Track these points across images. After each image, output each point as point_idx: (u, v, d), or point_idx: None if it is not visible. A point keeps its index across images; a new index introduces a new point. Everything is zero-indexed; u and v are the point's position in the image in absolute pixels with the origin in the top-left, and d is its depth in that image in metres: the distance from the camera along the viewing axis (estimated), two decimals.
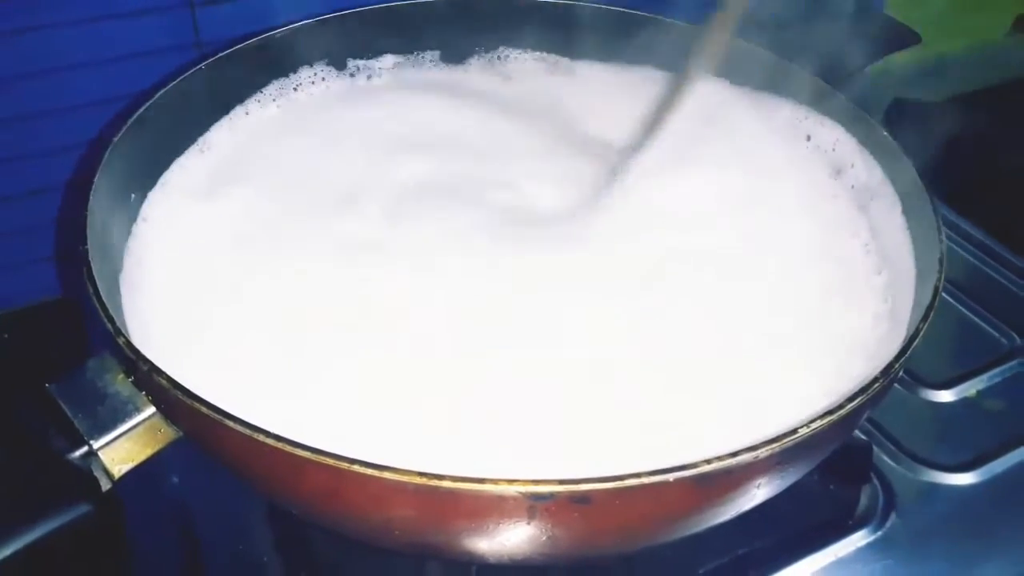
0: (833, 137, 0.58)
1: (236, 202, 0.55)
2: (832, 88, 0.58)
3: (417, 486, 0.33)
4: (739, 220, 0.55)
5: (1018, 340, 0.63)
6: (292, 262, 0.51)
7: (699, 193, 0.56)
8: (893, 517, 0.53)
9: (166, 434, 0.41)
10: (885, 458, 0.56)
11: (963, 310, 0.66)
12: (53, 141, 0.65)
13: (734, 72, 0.62)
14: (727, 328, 0.48)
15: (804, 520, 0.52)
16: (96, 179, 0.47)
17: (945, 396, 0.60)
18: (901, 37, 0.66)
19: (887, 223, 0.53)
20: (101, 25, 0.62)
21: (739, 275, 0.51)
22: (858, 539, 0.52)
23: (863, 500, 0.53)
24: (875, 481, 0.54)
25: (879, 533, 0.52)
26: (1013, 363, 0.62)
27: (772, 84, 0.61)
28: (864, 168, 0.56)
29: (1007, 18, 0.98)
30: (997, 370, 0.61)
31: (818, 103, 0.59)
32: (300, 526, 0.50)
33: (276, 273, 0.50)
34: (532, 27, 0.67)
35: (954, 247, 0.70)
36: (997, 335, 0.64)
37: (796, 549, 0.51)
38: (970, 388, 0.60)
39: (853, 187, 0.57)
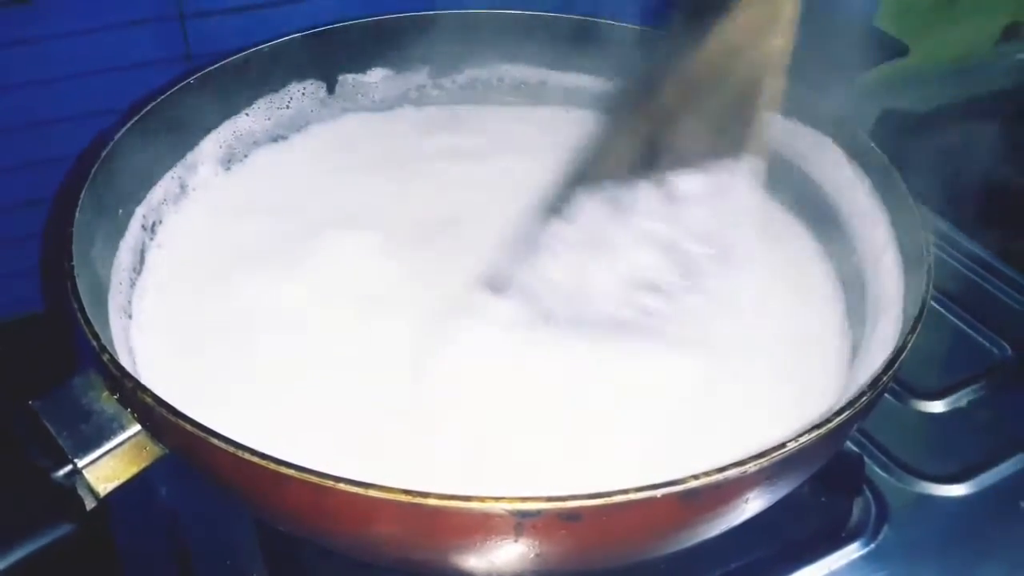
0: (821, 148, 0.58)
1: (225, 218, 0.55)
2: (821, 100, 0.58)
3: (402, 503, 0.33)
4: (719, 240, 0.55)
5: (1009, 350, 0.63)
6: (281, 280, 0.51)
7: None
8: (886, 529, 0.52)
9: (152, 451, 0.41)
10: (877, 469, 0.56)
11: (954, 320, 0.66)
12: (41, 153, 0.65)
13: None
14: (712, 349, 0.48)
15: (797, 533, 0.51)
16: (83, 194, 0.47)
17: (936, 407, 0.60)
18: (890, 48, 0.66)
19: (875, 235, 0.53)
20: (90, 38, 0.62)
21: (719, 298, 0.51)
22: (851, 551, 0.52)
23: (855, 512, 0.53)
24: (867, 493, 0.54)
25: (872, 545, 0.52)
26: (1004, 373, 0.62)
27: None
28: (853, 179, 0.56)
29: (995, 28, 0.99)
30: (988, 380, 0.61)
31: (807, 115, 0.59)
32: (291, 541, 0.50)
33: (265, 291, 0.50)
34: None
35: (944, 257, 0.70)
36: (988, 345, 0.64)
37: (789, 562, 0.51)
38: (961, 399, 0.60)
39: (842, 200, 0.57)
